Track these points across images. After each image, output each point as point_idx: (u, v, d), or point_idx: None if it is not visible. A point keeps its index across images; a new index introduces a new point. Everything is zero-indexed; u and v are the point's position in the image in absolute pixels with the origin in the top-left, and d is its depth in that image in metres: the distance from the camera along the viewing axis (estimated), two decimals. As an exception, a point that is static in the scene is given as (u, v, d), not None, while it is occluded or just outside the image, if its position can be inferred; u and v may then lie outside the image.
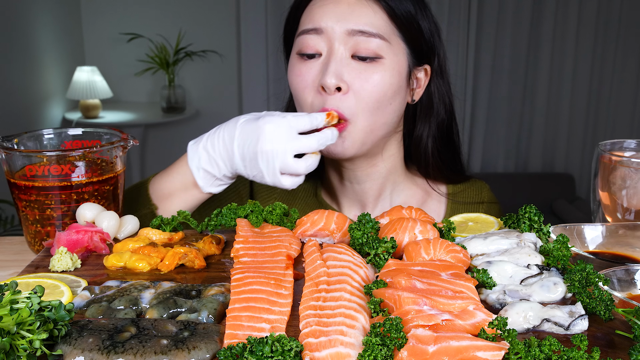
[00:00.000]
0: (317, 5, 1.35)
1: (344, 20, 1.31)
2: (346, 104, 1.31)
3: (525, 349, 0.75)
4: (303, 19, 1.38)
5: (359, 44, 1.30)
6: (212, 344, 0.79)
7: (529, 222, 1.13)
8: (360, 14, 1.31)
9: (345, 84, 1.30)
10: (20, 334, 0.75)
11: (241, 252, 1.06)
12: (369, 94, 1.32)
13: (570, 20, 5.08)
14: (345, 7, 1.31)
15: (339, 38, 1.31)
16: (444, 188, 1.59)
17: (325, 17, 1.32)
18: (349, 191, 1.54)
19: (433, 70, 1.45)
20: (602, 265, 1.00)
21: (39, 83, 4.67)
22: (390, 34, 1.33)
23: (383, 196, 1.54)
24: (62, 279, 1.01)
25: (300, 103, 1.39)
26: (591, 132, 5.39)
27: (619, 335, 0.85)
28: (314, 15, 1.34)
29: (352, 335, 0.79)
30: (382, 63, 1.32)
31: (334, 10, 1.32)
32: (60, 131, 1.39)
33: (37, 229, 1.26)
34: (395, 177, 1.53)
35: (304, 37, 1.35)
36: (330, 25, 1.31)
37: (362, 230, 1.07)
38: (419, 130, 1.49)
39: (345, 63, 1.31)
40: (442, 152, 1.53)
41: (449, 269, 0.96)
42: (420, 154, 1.51)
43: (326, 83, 1.29)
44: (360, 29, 1.30)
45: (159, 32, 5.25)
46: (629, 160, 1.18)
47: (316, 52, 1.34)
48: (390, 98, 1.35)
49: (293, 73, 1.38)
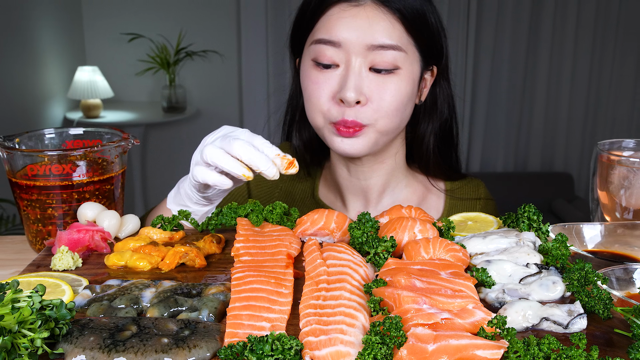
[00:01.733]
0: (335, 17, 1.32)
1: (362, 35, 1.29)
2: (364, 114, 1.33)
3: (524, 348, 0.75)
4: (319, 26, 1.36)
5: (377, 57, 1.30)
6: (212, 343, 0.80)
7: (528, 221, 1.13)
8: (379, 28, 1.30)
9: (364, 96, 1.31)
10: (22, 332, 0.76)
11: (241, 251, 1.06)
12: (387, 105, 1.33)
13: (569, 21, 5.08)
14: (364, 21, 1.30)
15: (357, 52, 1.30)
16: (442, 184, 1.62)
17: (343, 30, 1.30)
18: (355, 186, 1.56)
19: (439, 71, 1.46)
20: (600, 264, 1.01)
21: (40, 83, 4.67)
22: (407, 44, 1.33)
23: (387, 192, 1.56)
24: (63, 278, 1.01)
25: (314, 109, 1.39)
26: (590, 131, 5.39)
27: (618, 333, 0.85)
28: (331, 27, 1.32)
29: (352, 334, 0.79)
30: (398, 74, 1.33)
31: (353, 24, 1.30)
32: (62, 131, 1.39)
33: (39, 228, 1.26)
34: (398, 173, 1.56)
35: (321, 46, 1.34)
36: (349, 39, 1.30)
37: (361, 229, 1.07)
38: (422, 129, 1.51)
39: (364, 76, 1.31)
40: (442, 150, 1.55)
41: (448, 268, 0.96)
42: (422, 152, 1.53)
43: (346, 98, 1.30)
44: (379, 44, 1.29)
45: (159, 32, 5.26)
46: (627, 159, 1.18)
47: (333, 63, 1.33)
48: (405, 105, 1.37)
49: (310, 80, 1.38)
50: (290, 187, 1.65)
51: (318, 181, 1.64)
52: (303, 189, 1.64)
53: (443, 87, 1.49)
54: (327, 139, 1.40)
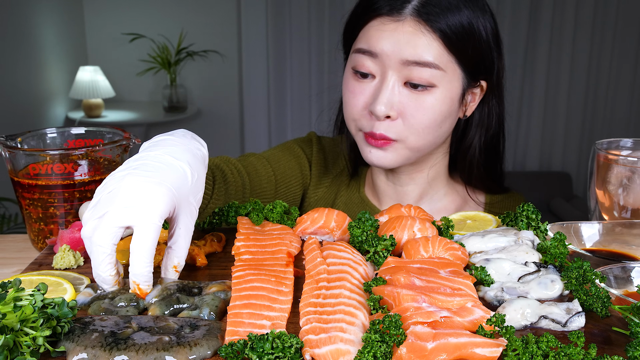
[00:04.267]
0: (375, 28, 1.31)
1: (399, 50, 1.27)
2: (394, 129, 1.31)
3: (522, 346, 0.76)
4: (360, 35, 1.35)
5: (412, 73, 1.28)
6: (213, 341, 0.80)
7: (527, 220, 1.13)
8: (417, 45, 1.27)
9: (395, 112, 1.30)
10: (24, 330, 0.76)
11: (242, 249, 1.07)
12: (418, 122, 1.31)
13: (567, 21, 5.08)
14: (402, 36, 1.28)
15: (392, 66, 1.29)
16: (482, 197, 1.58)
17: (381, 42, 1.29)
18: (392, 192, 1.54)
19: (489, 86, 1.40)
20: (598, 263, 1.01)
21: (42, 83, 4.68)
22: (446, 62, 1.29)
23: (424, 199, 1.54)
24: (65, 276, 1.01)
25: (348, 116, 1.39)
26: (588, 131, 5.39)
27: (616, 332, 0.85)
28: (370, 38, 1.31)
29: (351, 332, 0.80)
30: (434, 92, 1.30)
31: (391, 38, 1.28)
32: (63, 130, 1.40)
33: (41, 227, 1.27)
34: (437, 183, 1.53)
35: (359, 56, 1.33)
36: (386, 52, 1.29)
37: (361, 228, 1.08)
38: (468, 142, 1.47)
39: (397, 91, 1.30)
40: (486, 163, 1.50)
41: (447, 267, 0.96)
42: (465, 164, 1.49)
43: (376, 111, 1.29)
44: (415, 60, 1.27)
45: (160, 32, 5.26)
46: (625, 159, 1.18)
47: (370, 72, 1.33)
48: (440, 123, 1.33)
49: (347, 88, 1.38)
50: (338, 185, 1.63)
51: (363, 181, 1.62)
52: (351, 183, 1.62)
53: (492, 104, 1.43)
54: (359, 146, 1.41)
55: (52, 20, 4.80)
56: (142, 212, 0.87)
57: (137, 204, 0.87)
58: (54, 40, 4.82)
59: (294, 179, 1.57)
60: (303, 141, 1.64)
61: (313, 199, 1.61)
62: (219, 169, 1.34)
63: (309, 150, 1.62)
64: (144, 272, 0.89)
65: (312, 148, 1.63)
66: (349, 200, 1.59)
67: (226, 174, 1.35)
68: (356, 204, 1.58)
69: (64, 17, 5.04)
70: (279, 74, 5.37)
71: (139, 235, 0.87)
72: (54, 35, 4.83)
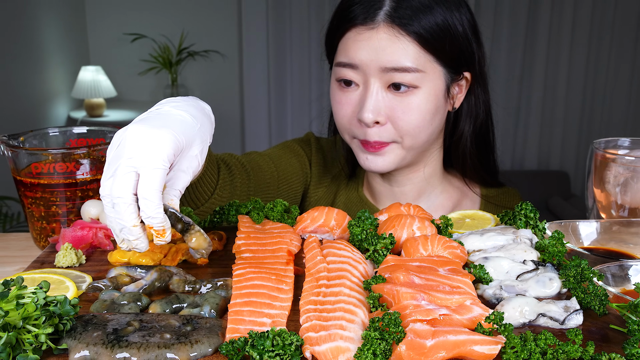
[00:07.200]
0: (352, 39, 1.33)
1: (377, 58, 1.29)
2: (386, 133, 1.33)
3: (521, 343, 0.76)
4: (340, 48, 1.37)
5: (394, 78, 1.29)
6: (214, 338, 0.80)
7: (525, 218, 1.14)
8: (393, 51, 1.28)
9: (382, 117, 1.31)
10: (26, 328, 0.77)
11: (243, 248, 1.07)
12: (407, 123, 1.32)
13: (565, 21, 5.08)
14: (378, 43, 1.29)
15: (373, 73, 1.30)
16: (478, 189, 1.59)
17: (359, 53, 1.31)
18: (389, 192, 1.55)
19: (474, 76, 1.42)
20: (596, 261, 1.01)
21: (45, 82, 4.69)
22: (425, 62, 1.30)
23: (421, 198, 1.55)
24: (67, 274, 1.02)
25: (340, 127, 1.42)
26: (586, 130, 5.39)
27: (613, 329, 0.86)
28: (348, 50, 1.33)
29: (351, 330, 0.80)
30: (418, 92, 1.31)
31: (367, 47, 1.30)
32: (65, 129, 1.40)
33: (43, 226, 1.28)
34: (433, 180, 1.54)
35: (341, 69, 1.35)
36: (364, 62, 1.30)
37: (361, 226, 1.08)
38: (459, 132, 1.48)
39: (382, 97, 1.31)
40: (479, 152, 1.52)
41: (446, 265, 0.97)
42: (459, 155, 1.50)
43: (364, 119, 1.31)
44: (393, 67, 1.28)
45: (162, 33, 5.27)
46: (622, 158, 1.19)
47: (353, 81, 1.34)
48: (430, 120, 1.35)
49: (334, 99, 1.40)
50: (337, 185, 1.64)
51: (362, 181, 1.63)
52: (349, 183, 1.63)
53: (478, 93, 1.45)
54: (355, 153, 1.42)
55: (55, 21, 4.81)
56: (147, 155, 0.87)
57: (142, 148, 0.88)
58: (56, 41, 4.83)
59: (295, 176, 1.57)
60: (302, 141, 1.65)
61: (313, 199, 1.62)
62: (223, 161, 1.35)
63: (308, 150, 1.63)
64: (154, 214, 0.88)
65: (311, 148, 1.64)
66: (348, 200, 1.60)
67: (231, 166, 1.36)
68: (355, 204, 1.58)
69: (66, 18, 5.05)
70: (280, 73, 5.37)
71: (145, 177, 0.87)
72: (56, 36, 4.84)
